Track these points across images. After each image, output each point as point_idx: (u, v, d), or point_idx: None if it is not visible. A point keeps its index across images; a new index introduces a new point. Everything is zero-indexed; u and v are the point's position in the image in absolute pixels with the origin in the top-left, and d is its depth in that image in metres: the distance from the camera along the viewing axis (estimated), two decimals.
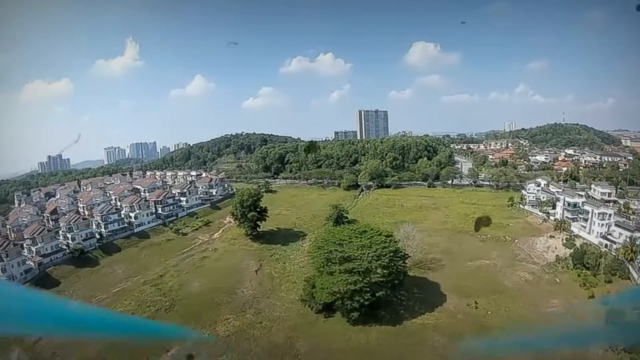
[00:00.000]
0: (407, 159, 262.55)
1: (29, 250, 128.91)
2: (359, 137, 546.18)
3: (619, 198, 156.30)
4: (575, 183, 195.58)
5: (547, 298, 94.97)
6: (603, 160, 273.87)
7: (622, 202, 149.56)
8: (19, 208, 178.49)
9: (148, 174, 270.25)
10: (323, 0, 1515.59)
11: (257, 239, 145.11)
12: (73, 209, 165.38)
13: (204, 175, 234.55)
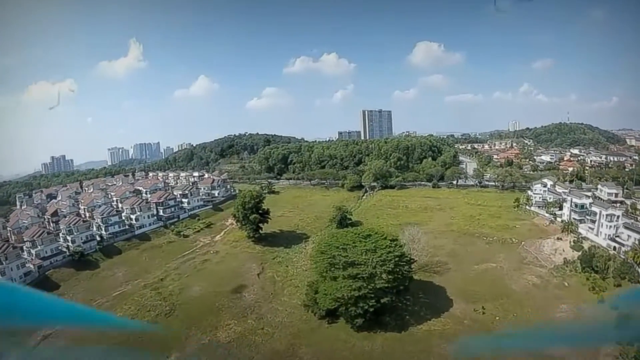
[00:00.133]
0: (411, 159, 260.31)
1: (29, 253, 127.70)
2: (363, 137, 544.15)
3: (626, 198, 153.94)
4: (582, 183, 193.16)
5: (555, 303, 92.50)
6: (609, 160, 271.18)
7: (629, 202, 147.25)
8: (20, 210, 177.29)
9: (150, 175, 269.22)
10: (327, 1, 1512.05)
11: (259, 242, 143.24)
12: (74, 211, 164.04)
13: (206, 176, 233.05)
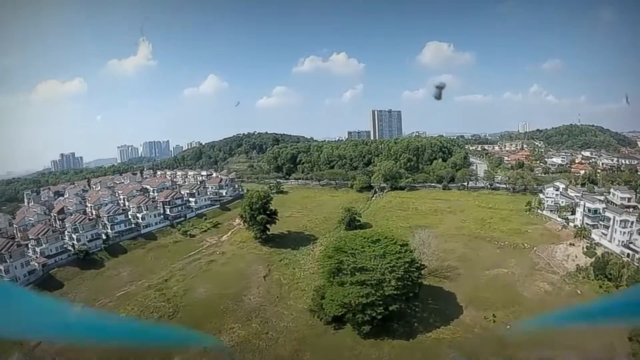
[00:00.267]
0: (421, 160, 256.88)
1: (34, 251, 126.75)
2: (373, 137, 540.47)
3: (639, 203, 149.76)
4: (594, 187, 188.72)
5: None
6: (620, 163, 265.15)
7: None
8: (27, 207, 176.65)
9: (158, 174, 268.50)
10: (337, 0, 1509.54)
11: (266, 243, 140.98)
12: (81, 209, 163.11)
13: (214, 175, 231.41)
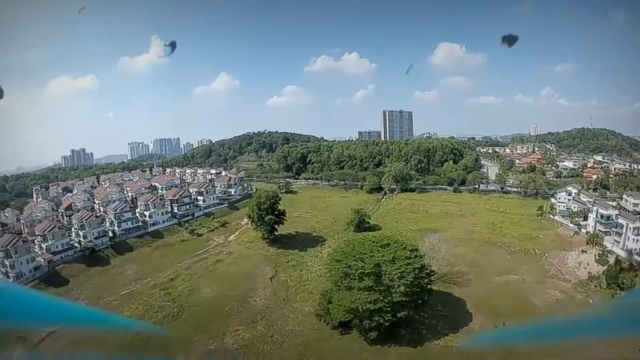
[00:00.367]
0: (432, 162, 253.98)
1: (40, 247, 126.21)
2: (383, 137, 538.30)
3: None
4: (606, 192, 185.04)
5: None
6: (632, 168, 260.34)
7: None
8: (35, 203, 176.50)
9: (168, 171, 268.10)
10: (349, 1, 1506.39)
11: (274, 243, 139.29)
12: (89, 205, 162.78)
13: (223, 174, 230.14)
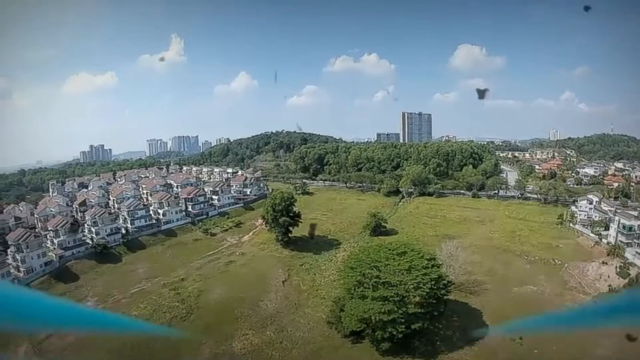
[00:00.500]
0: (451, 166, 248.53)
1: (52, 242, 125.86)
2: (402, 139, 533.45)
3: None
4: (627, 201, 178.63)
5: (598, 339, 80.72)
6: None
7: None
8: (49, 198, 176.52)
9: (184, 169, 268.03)
10: (370, 2, 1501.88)
11: (287, 245, 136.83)
12: (103, 202, 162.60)
13: (240, 173, 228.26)
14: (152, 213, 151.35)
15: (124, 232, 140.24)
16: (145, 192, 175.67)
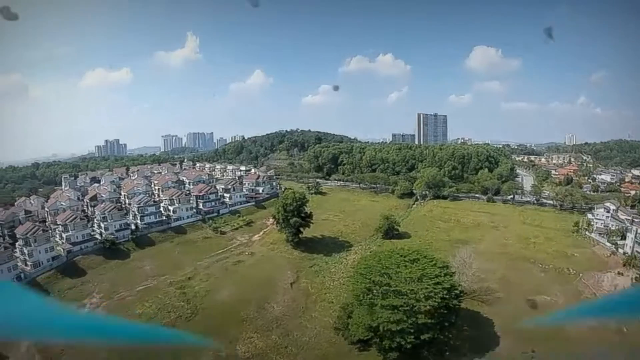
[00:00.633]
0: (466, 169, 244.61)
1: (60, 237, 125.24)
2: (417, 141, 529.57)
3: None
4: None
5: (612, 352, 77.47)
6: None
7: None
8: (61, 191, 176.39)
9: (197, 166, 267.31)
10: (386, 1, 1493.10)
11: (298, 246, 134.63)
12: (114, 197, 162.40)
13: (253, 172, 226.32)
14: (162, 209, 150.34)
15: (134, 228, 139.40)
16: (157, 188, 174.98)
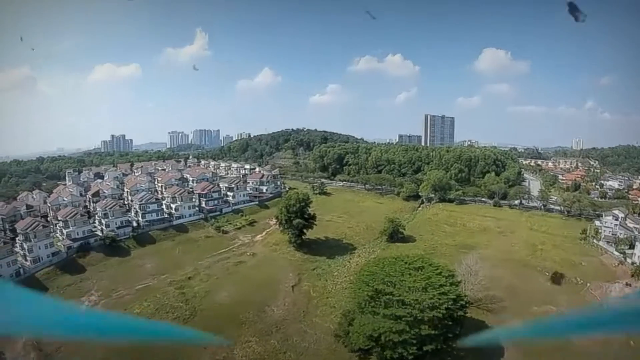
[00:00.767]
0: (473, 173, 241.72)
1: (61, 233, 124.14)
2: (424, 142, 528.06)
3: None
4: None
5: None
6: None
7: None
8: (63, 187, 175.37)
9: (202, 163, 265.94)
10: (395, 2, 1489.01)
11: (300, 248, 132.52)
12: (117, 193, 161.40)
13: (257, 170, 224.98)
14: (164, 207, 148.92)
15: (135, 225, 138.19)
16: (160, 185, 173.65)
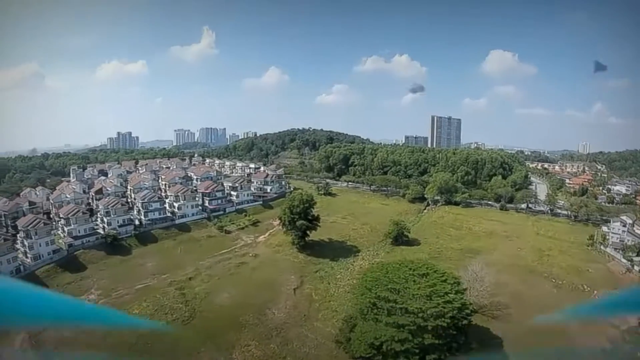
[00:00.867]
0: (480, 175, 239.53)
1: (62, 230, 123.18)
2: (430, 143, 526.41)
3: None
4: None
5: None
6: None
7: None
8: (66, 183, 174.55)
9: (207, 162, 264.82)
10: (403, 2, 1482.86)
11: (304, 249, 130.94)
12: (120, 191, 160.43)
13: (262, 170, 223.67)
14: (167, 206, 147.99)
15: (137, 223, 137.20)
16: (164, 183, 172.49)
